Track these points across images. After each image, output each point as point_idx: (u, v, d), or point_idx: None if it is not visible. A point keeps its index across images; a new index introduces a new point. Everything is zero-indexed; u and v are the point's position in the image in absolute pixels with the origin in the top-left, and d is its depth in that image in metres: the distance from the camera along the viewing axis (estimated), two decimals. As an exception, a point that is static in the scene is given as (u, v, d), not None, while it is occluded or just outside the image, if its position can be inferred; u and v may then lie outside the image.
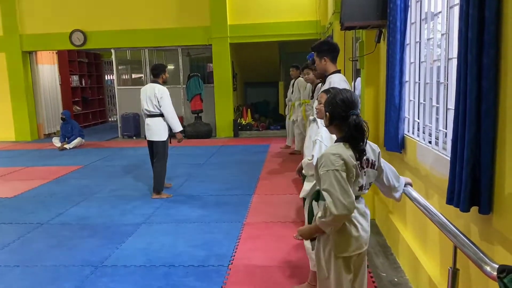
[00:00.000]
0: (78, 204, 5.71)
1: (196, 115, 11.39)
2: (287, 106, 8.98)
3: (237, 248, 4.12)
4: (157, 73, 5.90)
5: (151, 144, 5.87)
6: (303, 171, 3.13)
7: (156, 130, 5.79)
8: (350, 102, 2.17)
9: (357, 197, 2.20)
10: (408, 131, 3.66)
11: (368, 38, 4.61)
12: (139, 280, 3.56)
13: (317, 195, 2.40)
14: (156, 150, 5.79)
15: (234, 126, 11.45)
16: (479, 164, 2.04)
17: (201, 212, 5.22)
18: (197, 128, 11.25)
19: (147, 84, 6.30)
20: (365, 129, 2.13)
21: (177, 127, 5.84)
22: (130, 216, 5.16)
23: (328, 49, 3.93)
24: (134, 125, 11.78)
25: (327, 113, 2.22)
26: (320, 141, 2.94)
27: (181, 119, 11.52)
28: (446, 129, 2.81)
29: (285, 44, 13.36)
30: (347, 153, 2.11)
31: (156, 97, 5.79)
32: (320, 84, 5.79)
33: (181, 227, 4.75)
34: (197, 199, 5.74)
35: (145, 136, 6.00)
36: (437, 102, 3.02)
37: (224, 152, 9.34)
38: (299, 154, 7.63)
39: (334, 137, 2.95)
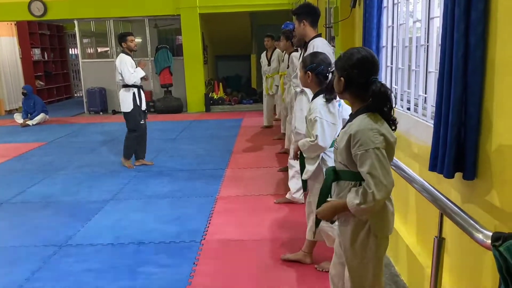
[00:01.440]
0: (41, 181, 5.42)
1: (165, 89, 11.04)
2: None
3: (210, 222, 3.97)
4: (119, 42, 5.79)
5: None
6: (305, 154, 2.85)
7: (121, 101, 5.67)
8: (371, 64, 1.89)
9: None
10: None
11: (343, 3, 4.44)
12: (106, 259, 3.37)
13: (333, 175, 2.09)
14: (125, 119, 5.73)
15: (206, 100, 11.17)
16: (464, 126, 1.92)
17: (172, 187, 5.03)
18: (167, 103, 10.92)
19: (113, 57, 6.12)
20: (392, 98, 1.89)
21: (121, 107, 5.70)
22: (97, 193, 4.92)
23: (308, 11, 3.75)
24: (100, 100, 11.35)
25: (342, 78, 1.93)
26: (320, 118, 2.69)
27: (149, 93, 11.16)
28: (426, 93, 2.69)
29: (256, 16, 13.03)
30: (385, 126, 1.86)
31: (116, 66, 5.62)
32: (298, 53, 5.59)
33: (151, 203, 4.56)
34: (168, 175, 5.54)
35: (113, 111, 5.91)
36: (416, 66, 2.88)
37: (195, 127, 9.10)
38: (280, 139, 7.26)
39: (335, 110, 2.76)
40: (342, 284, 2.22)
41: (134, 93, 5.60)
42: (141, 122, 5.73)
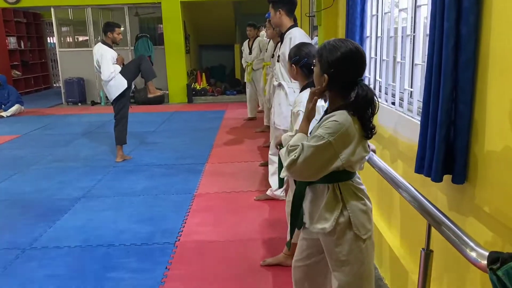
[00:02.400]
0: (10, 178, 5.14)
1: (146, 79, 10.71)
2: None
3: (185, 222, 3.77)
4: (104, 31, 5.46)
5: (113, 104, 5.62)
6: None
7: (112, 88, 5.41)
8: (359, 62, 1.71)
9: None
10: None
11: (326, -9, 4.23)
12: (72, 263, 3.15)
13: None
14: (116, 105, 5.54)
15: (188, 91, 10.90)
16: (454, 126, 1.75)
17: (147, 183, 4.80)
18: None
19: (92, 46, 5.83)
20: (376, 104, 1.71)
21: (113, 95, 5.42)
22: (68, 190, 4.67)
23: (284, 0, 3.55)
24: (79, 91, 11.00)
25: (326, 75, 1.72)
26: (303, 111, 2.51)
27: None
28: (412, 87, 2.51)
29: (240, 4, 12.74)
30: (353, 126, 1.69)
31: (95, 57, 5.33)
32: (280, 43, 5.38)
33: (125, 201, 4.33)
34: (144, 170, 5.31)
35: (92, 102, 5.62)
36: (402, 58, 2.70)
37: (176, 118, 8.85)
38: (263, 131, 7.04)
39: (320, 103, 2.56)
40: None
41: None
42: (130, 106, 5.67)
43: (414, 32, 2.46)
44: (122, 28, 5.37)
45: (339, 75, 1.70)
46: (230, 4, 12.53)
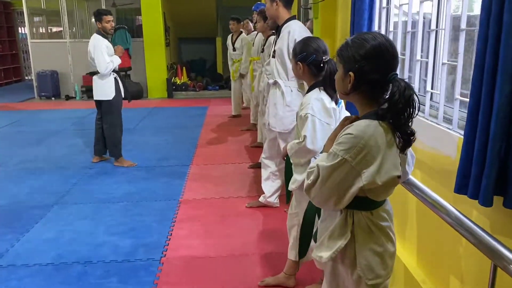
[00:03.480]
0: (-26, 181, 4.68)
1: (124, 73, 10.20)
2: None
3: (171, 234, 3.41)
4: (95, 20, 4.96)
5: (97, 104, 5.06)
6: (292, 160, 2.35)
7: (98, 87, 4.91)
8: (390, 55, 1.41)
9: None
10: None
11: (324, -19, 3.91)
12: (43, 285, 2.76)
13: None
14: (103, 110, 4.98)
15: (168, 86, 10.45)
16: (508, 139, 1.45)
17: (128, 188, 4.41)
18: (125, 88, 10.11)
19: (66, 37, 5.33)
20: (416, 103, 1.39)
21: (115, 65, 4.95)
22: (40, 195, 4.24)
23: None
24: (52, 84, 10.41)
25: (351, 73, 1.43)
26: (313, 115, 2.18)
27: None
28: (436, 89, 2.21)
29: (222, -3, 12.33)
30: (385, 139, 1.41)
31: (89, 50, 4.86)
32: (274, 37, 5.02)
33: (103, 208, 3.93)
34: (124, 172, 4.91)
35: (66, 96, 5.15)
36: (425, 56, 2.40)
37: (156, 115, 8.42)
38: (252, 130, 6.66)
39: (330, 105, 2.23)
40: None
41: (116, 79, 4.90)
42: (121, 111, 5.10)
43: (440, 27, 2.16)
44: (111, 16, 4.88)
45: (368, 70, 1.41)
46: (212, -4, 12.11)
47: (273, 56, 3.58)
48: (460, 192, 1.63)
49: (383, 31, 2.97)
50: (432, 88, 2.31)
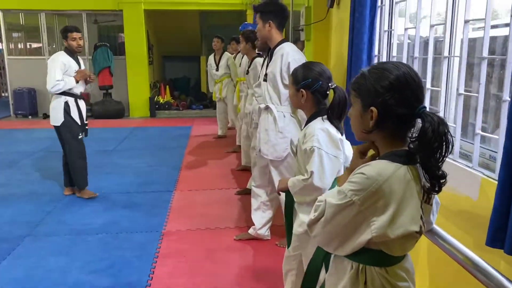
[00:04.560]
0: None
1: (104, 91, 9.93)
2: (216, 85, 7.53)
3: (153, 272, 3.12)
4: (62, 37, 4.52)
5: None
6: (296, 198, 2.13)
7: (52, 112, 4.45)
8: (416, 86, 1.24)
9: None
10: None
11: (316, 2, 3.75)
12: (7, 337, 2.45)
13: None
14: (58, 137, 4.54)
15: (151, 104, 10.18)
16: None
17: (106, 218, 4.10)
18: (106, 107, 9.83)
19: (45, 54, 5.01)
20: (450, 141, 1.21)
21: (65, 87, 4.34)
22: (10, 226, 3.90)
23: (275, 10, 3.07)
24: (29, 102, 10.04)
25: (373, 108, 1.25)
26: (319, 148, 1.97)
27: (86, 96, 10.00)
28: (448, 122, 2.02)
29: (207, 15, 12.21)
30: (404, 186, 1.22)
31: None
32: (262, 59, 4.83)
33: (79, 242, 3.62)
34: (102, 199, 4.60)
35: (43, 114, 4.86)
36: (436, 85, 2.22)
37: (138, 135, 8.13)
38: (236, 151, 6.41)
39: (336, 136, 2.02)
40: None
41: (67, 102, 4.38)
42: (80, 137, 4.50)
43: (453, 53, 1.98)
44: (79, 33, 4.45)
45: (394, 104, 1.23)
46: (196, 14, 11.98)
47: (265, 80, 3.38)
48: (493, 246, 1.43)
49: (384, 56, 2.79)
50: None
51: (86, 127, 4.62)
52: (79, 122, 4.47)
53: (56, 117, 4.40)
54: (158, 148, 6.98)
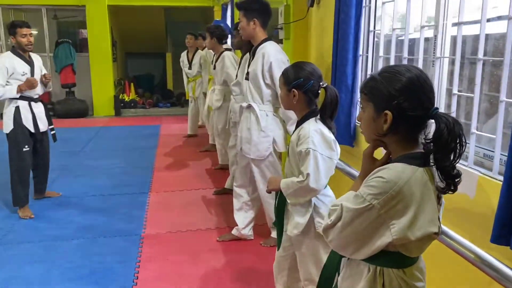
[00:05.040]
0: None
1: (67, 89, 9.59)
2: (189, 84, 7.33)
3: (137, 277, 3.04)
4: (9, 34, 4.00)
5: None
6: (289, 199, 2.09)
7: (3, 117, 4.01)
8: (429, 88, 1.26)
9: None
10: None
11: (296, 1, 3.76)
12: None
13: None
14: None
15: (116, 103, 9.92)
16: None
17: (81, 222, 3.96)
18: (69, 106, 9.49)
19: (3, 50, 4.59)
20: (464, 142, 1.23)
21: (6, 96, 3.89)
22: (-22, 234, 3.71)
23: (260, 9, 3.07)
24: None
25: (389, 112, 1.25)
26: (314, 150, 1.95)
27: (48, 94, 9.62)
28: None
29: (171, 11, 12.00)
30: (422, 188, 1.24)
31: None
32: (231, 53, 4.79)
33: (55, 248, 3.47)
34: (76, 203, 4.44)
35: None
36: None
37: (105, 135, 7.90)
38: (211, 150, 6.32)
39: (330, 137, 2.03)
40: None
41: (17, 108, 3.92)
42: (24, 149, 3.98)
43: (439, 53, 2.03)
44: (29, 29, 3.94)
45: (408, 106, 1.23)
46: (161, 10, 11.77)
47: (247, 78, 3.35)
48: (498, 243, 1.47)
49: (369, 56, 2.83)
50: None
51: (53, 132, 4.36)
52: (32, 129, 3.99)
53: (6, 124, 3.94)
54: (128, 149, 6.81)
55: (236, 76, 4.06)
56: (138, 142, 7.24)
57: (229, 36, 5.92)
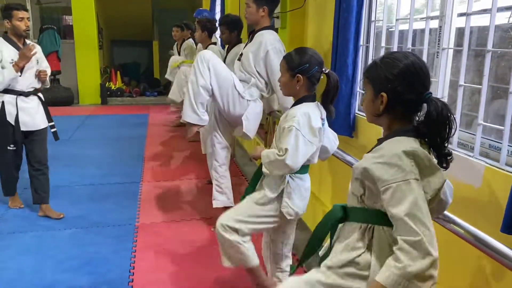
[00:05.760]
0: None
1: (52, 77, 9.38)
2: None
3: (133, 267, 3.01)
4: (3, 18, 3.56)
5: None
6: (264, 169, 2.15)
7: None
8: (424, 74, 1.37)
9: None
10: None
11: (293, -11, 3.72)
12: None
13: (342, 213, 1.54)
14: None
15: (102, 91, 9.77)
16: None
17: (74, 211, 3.90)
18: (54, 94, 9.26)
19: None
20: (453, 124, 1.35)
21: (6, 77, 3.44)
22: (-34, 224, 3.62)
23: None
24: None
25: (384, 94, 1.38)
26: (298, 129, 2.02)
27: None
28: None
29: (158, -2, 11.84)
30: (425, 153, 1.34)
31: None
32: (217, 47, 4.73)
33: (48, 237, 3.42)
34: (66, 192, 4.37)
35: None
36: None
37: (92, 124, 7.78)
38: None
39: (316, 124, 2.09)
40: None
41: (3, 103, 3.53)
42: (9, 148, 3.63)
43: (442, 46, 2.03)
44: (26, 13, 3.57)
45: (403, 90, 1.36)
46: (147, -4, 11.58)
47: (239, 59, 3.35)
48: (509, 232, 1.48)
49: (371, 46, 2.82)
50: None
51: (53, 130, 3.90)
52: (19, 127, 3.56)
53: None
54: (117, 138, 6.72)
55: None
56: (127, 131, 7.16)
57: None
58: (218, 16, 7.59)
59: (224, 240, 2.27)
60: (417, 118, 1.42)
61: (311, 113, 2.09)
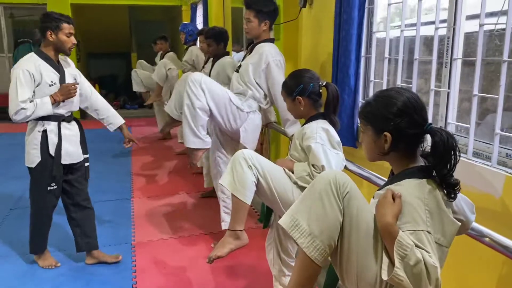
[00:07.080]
0: None
1: (29, 92, 9.13)
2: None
3: (137, 288, 2.92)
4: (41, 32, 2.86)
5: None
6: (296, 179, 2.13)
7: (26, 147, 3.02)
8: (421, 107, 1.41)
9: None
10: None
11: (287, 1, 3.74)
12: None
13: None
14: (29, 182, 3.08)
15: (81, 105, 9.53)
16: None
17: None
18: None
19: None
20: (458, 152, 1.37)
21: (38, 113, 2.85)
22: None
23: (273, 11, 3.18)
24: None
25: (387, 133, 1.40)
26: (322, 144, 2.06)
27: (3, 97, 9.13)
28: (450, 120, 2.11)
29: (136, 10, 11.70)
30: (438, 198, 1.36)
31: None
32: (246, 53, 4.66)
33: (42, 261, 3.28)
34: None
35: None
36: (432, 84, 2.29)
37: (73, 139, 7.57)
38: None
39: (335, 137, 2.13)
40: None
41: (45, 132, 2.93)
42: (50, 187, 3.02)
43: (450, 57, 2.06)
44: (72, 26, 2.92)
45: (405, 126, 1.39)
46: (125, 9, 11.43)
47: (237, 71, 3.33)
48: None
49: (373, 57, 2.84)
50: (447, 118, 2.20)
51: (87, 164, 3.30)
52: (62, 160, 3.00)
53: (29, 156, 2.97)
54: (101, 153, 6.54)
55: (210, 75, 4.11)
56: (110, 146, 6.97)
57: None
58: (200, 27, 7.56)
59: (236, 164, 2.09)
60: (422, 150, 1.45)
61: (329, 127, 2.15)
